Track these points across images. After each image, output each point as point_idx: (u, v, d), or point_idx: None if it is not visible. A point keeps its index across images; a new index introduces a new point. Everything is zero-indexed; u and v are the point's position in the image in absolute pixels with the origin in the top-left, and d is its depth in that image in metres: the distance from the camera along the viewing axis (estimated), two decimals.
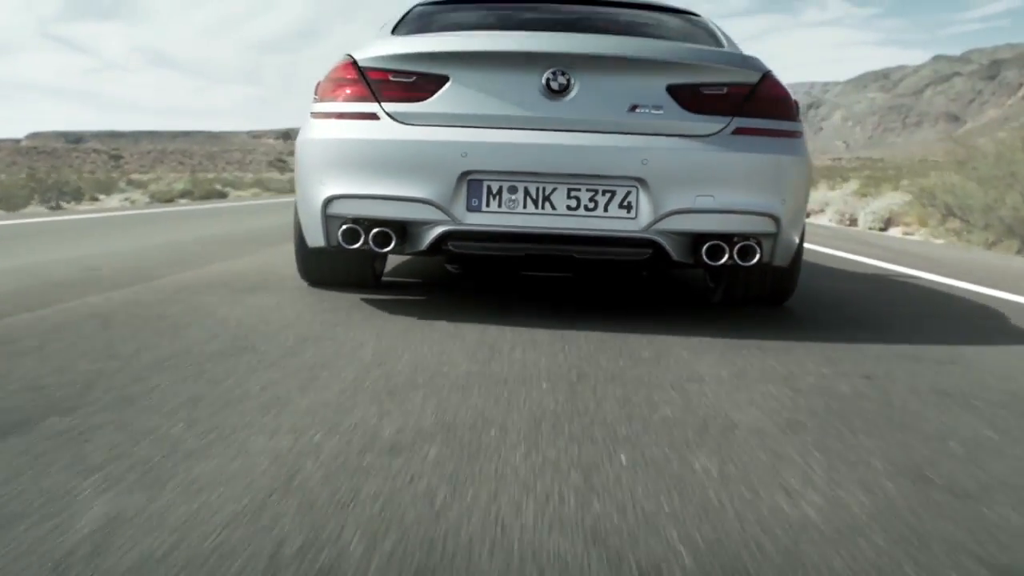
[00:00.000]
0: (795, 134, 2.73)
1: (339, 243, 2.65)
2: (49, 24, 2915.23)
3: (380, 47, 2.69)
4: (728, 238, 2.61)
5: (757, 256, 2.62)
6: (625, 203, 2.54)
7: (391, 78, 2.60)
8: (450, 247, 2.61)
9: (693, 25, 3.34)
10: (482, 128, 2.56)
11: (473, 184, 2.53)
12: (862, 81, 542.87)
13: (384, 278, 3.61)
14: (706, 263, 2.64)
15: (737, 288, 3.20)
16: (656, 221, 2.54)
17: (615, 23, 3.26)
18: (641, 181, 2.52)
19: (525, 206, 2.54)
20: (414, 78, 2.59)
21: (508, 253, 2.65)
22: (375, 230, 2.60)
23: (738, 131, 2.60)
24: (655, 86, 2.59)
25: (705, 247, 2.61)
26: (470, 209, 2.54)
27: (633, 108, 2.58)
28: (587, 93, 2.57)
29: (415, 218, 2.57)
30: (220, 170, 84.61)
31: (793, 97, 2.83)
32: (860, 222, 10.86)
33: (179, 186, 22.66)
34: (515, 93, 2.57)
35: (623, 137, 2.55)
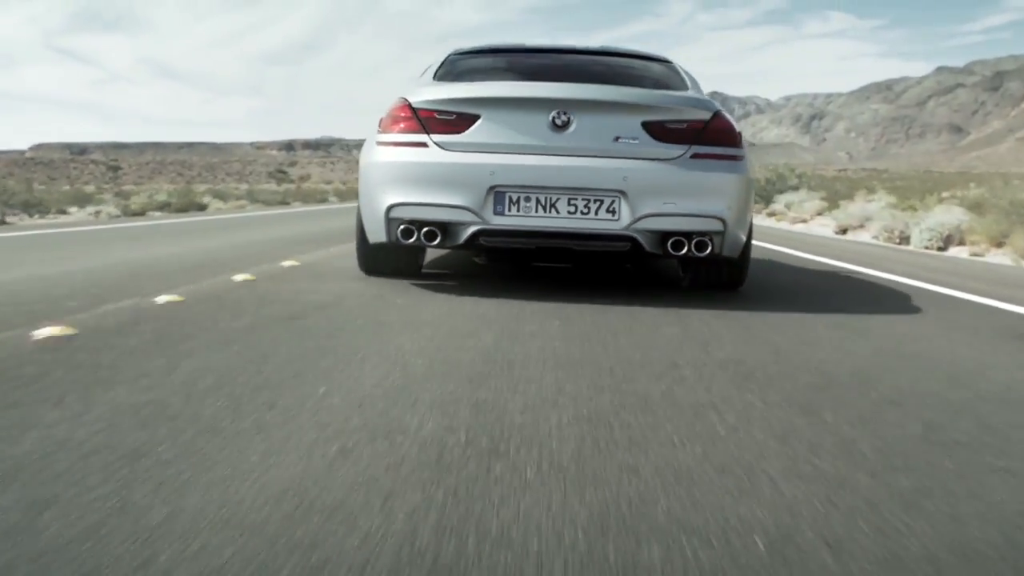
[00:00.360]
0: (738, 157, 3.48)
1: (398, 239, 3.44)
2: (54, 36, 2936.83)
3: (428, 92, 3.51)
4: (687, 234, 3.38)
5: (709, 248, 3.41)
6: (610, 209, 3.35)
7: (437, 116, 3.40)
8: (481, 242, 3.40)
9: (667, 69, 4.14)
10: (505, 154, 3.35)
11: (498, 195, 3.34)
12: (865, 92, 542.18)
13: (423, 270, 4.31)
14: (671, 254, 3.43)
15: (700, 275, 3.96)
16: (634, 222, 3.34)
17: (607, 69, 4.00)
18: (622, 193, 3.33)
19: (536, 211, 3.35)
20: (454, 116, 3.39)
21: (524, 246, 3.42)
22: (425, 229, 3.39)
23: (695, 156, 3.38)
24: (633, 122, 3.39)
25: (670, 241, 3.39)
26: (496, 213, 3.35)
27: (616, 139, 3.39)
28: (583, 127, 3.38)
29: (455, 220, 3.35)
30: (219, 181, 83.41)
31: (737, 127, 3.55)
32: (913, 240, 9.37)
33: (161, 198, 21.31)
34: (529, 127, 3.37)
35: (609, 160, 3.35)
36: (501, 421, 1.70)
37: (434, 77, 3.91)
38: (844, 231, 11.97)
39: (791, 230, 13.55)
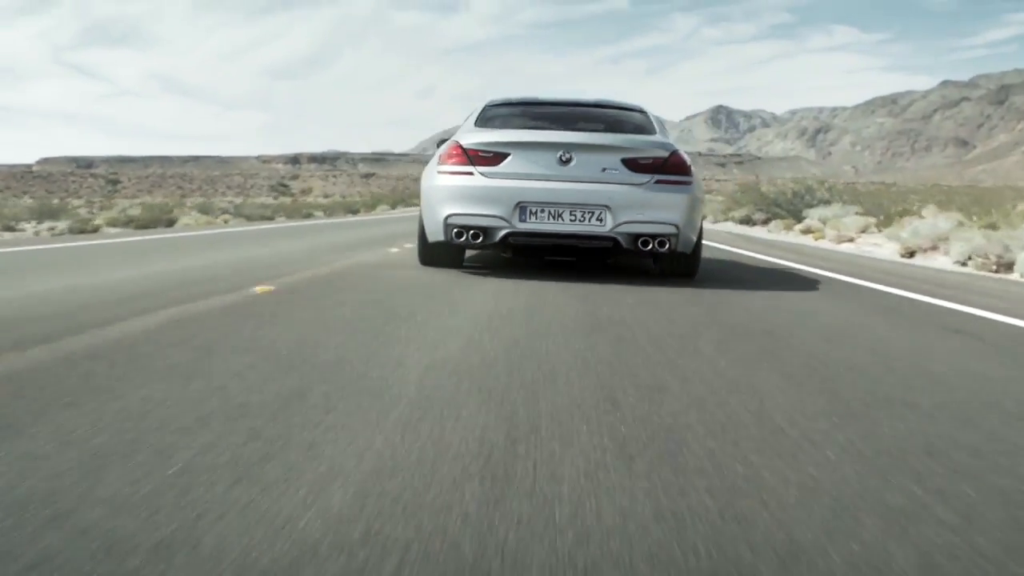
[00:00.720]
0: (688, 183, 4.97)
1: (452, 239, 4.93)
2: (64, 51, 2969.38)
3: (473, 137, 5.05)
4: (652, 236, 4.84)
5: (668, 246, 4.86)
6: (599, 218, 4.81)
7: (480, 154, 4.90)
8: (510, 240, 4.87)
9: (643, 117, 5.75)
10: (527, 180, 4.84)
11: (522, 208, 4.80)
12: (870, 106, 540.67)
13: (464, 263, 5.78)
14: (641, 250, 4.92)
15: (665, 266, 5.50)
16: (615, 227, 4.81)
17: (599, 118, 5.68)
18: (608, 207, 4.79)
19: (549, 219, 4.81)
20: (491, 154, 4.88)
21: (540, 243, 4.91)
22: (471, 231, 4.88)
23: (657, 182, 4.89)
24: (615, 159, 4.89)
25: (640, 240, 4.85)
26: (520, 221, 4.80)
27: (603, 170, 4.87)
28: (580, 162, 4.87)
29: (493, 225, 4.82)
30: (218, 194, 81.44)
31: (688, 161, 5.10)
32: (1020, 267, 7.37)
33: (134, 212, 19.46)
34: (543, 162, 4.86)
35: (598, 185, 4.84)
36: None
37: (475, 123, 5.41)
38: (911, 254, 9.96)
39: (838, 251, 11.56)
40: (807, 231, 14.93)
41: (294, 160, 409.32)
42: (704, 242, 5.75)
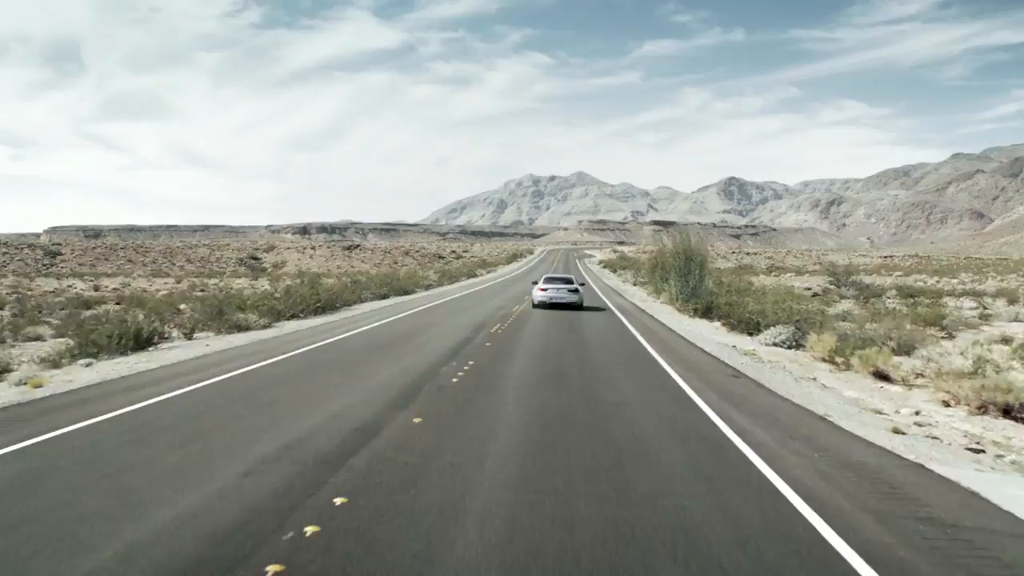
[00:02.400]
0: (579, 291, 27.23)
1: (538, 303, 26.12)
2: (84, 123, 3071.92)
3: (542, 284, 27.90)
4: (573, 304, 26.35)
5: (574, 305, 26.29)
6: (564, 299, 26.42)
7: (542, 287, 26.95)
8: (547, 303, 26.15)
9: (573, 276, 33.16)
10: (552, 292, 26.52)
11: (551, 297, 26.23)
12: (882, 178, 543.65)
13: (538, 307, 25.87)
14: (570, 306, 26.32)
15: (574, 309, 26.51)
16: (569, 302, 26.47)
17: (565, 278, 30.08)
18: (566, 297, 26.68)
19: (558, 299, 26.14)
20: (546, 288, 26.71)
21: (555, 303, 26.07)
22: (543, 303, 26.02)
23: (575, 293, 26.57)
24: (567, 289, 26.78)
25: (569, 305, 26.29)
26: (550, 300, 26.08)
27: (566, 291, 26.67)
28: (560, 290, 26.70)
29: (546, 301, 25.90)
30: (177, 270, 75.09)
31: (580, 287, 28.31)
32: None
33: None
34: (555, 290, 26.64)
35: (565, 294, 26.46)
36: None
37: (543, 281, 27.63)
38: None
39: None
40: None
41: (303, 230, 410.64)
42: None
